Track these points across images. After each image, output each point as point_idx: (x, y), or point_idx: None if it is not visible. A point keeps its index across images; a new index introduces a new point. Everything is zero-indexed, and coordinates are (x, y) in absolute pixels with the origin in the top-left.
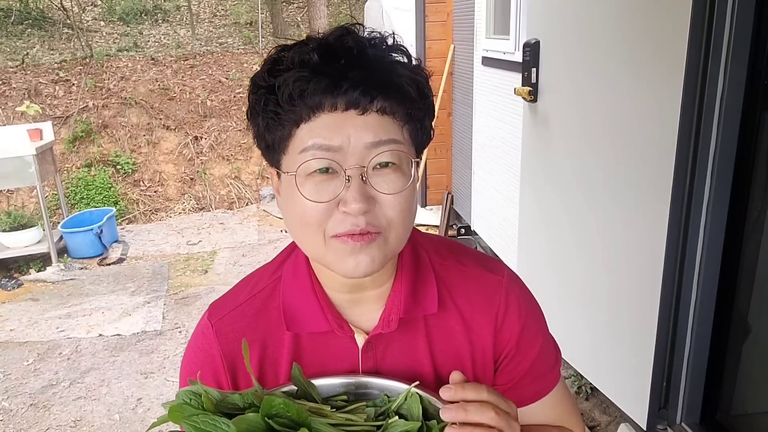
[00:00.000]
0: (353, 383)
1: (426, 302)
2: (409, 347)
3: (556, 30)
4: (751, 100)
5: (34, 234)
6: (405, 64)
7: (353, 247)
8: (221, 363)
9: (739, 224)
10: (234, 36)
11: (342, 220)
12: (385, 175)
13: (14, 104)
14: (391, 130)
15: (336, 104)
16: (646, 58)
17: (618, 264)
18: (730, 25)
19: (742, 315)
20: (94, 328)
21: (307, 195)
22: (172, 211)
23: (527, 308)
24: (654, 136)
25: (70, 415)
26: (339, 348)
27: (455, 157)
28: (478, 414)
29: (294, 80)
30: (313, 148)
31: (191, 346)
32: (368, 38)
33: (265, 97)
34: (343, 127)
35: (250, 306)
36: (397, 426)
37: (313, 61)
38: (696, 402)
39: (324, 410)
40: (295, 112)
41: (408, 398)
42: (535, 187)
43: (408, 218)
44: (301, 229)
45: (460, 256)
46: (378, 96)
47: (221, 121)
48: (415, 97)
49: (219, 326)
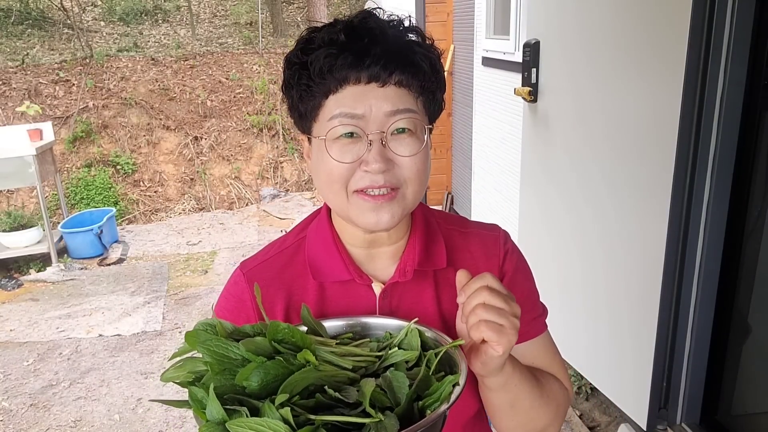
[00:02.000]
0: (359, 323)
1: (436, 257)
2: (421, 297)
3: (556, 30)
4: (751, 100)
5: (34, 234)
6: (420, 42)
7: (374, 205)
8: (252, 308)
9: (739, 224)
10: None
11: (363, 177)
12: (401, 139)
13: (14, 104)
14: (407, 101)
15: (360, 77)
16: (646, 58)
17: (618, 264)
18: (730, 25)
19: (742, 315)
20: (94, 328)
21: (334, 156)
22: (172, 212)
23: (519, 258)
24: (654, 136)
25: (70, 415)
26: (358, 296)
27: (455, 157)
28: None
29: (324, 57)
30: (340, 116)
31: (224, 295)
32: (388, 20)
33: (298, 72)
34: (365, 98)
35: (278, 260)
36: (396, 356)
37: (340, 40)
38: (696, 402)
39: (329, 342)
40: (325, 85)
41: (408, 333)
42: (535, 188)
43: (422, 177)
44: (328, 186)
45: (463, 223)
46: (396, 70)
47: (221, 121)
48: (428, 72)
49: (250, 275)
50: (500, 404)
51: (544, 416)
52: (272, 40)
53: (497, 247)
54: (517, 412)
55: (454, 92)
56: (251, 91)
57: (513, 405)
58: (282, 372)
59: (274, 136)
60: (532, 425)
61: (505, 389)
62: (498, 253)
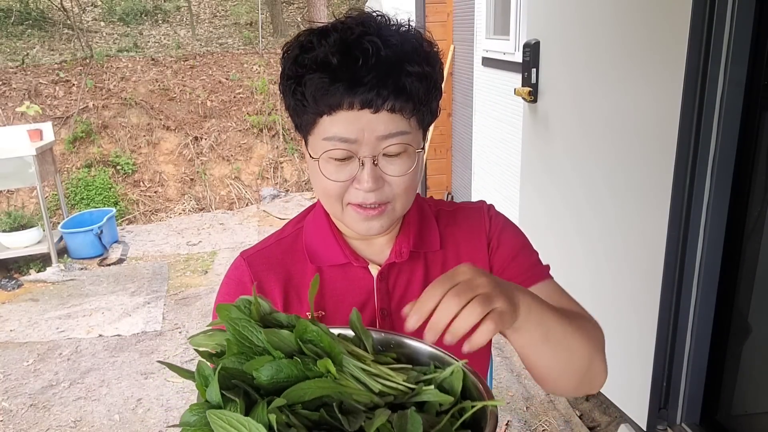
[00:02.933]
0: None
1: (430, 239)
2: (412, 278)
3: (556, 30)
4: (751, 100)
5: (34, 234)
6: (416, 58)
7: (365, 216)
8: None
9: (739, 224)
10: (234, 36)
11: (356, 193)
12: (393, 161)
13: (14, 105)
14: (400, 124)
15: (353, 103)
16: (646, 58)
17: (618, 264)
18: (730, 26)
19: (742, 315)
20: (94, 328)
21: (328, 176)
22: (172, 212)
23: (506, 221)
24: (654, 136)
25: (70, 415)
26: (355, 278)
27: (455, 158)
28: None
29: (317, 82)
30: (333, 139)
31: (225, 281)
32: (384, 38)
33: (293, 87)
34: (358, 122)
35: (277, 248)
36: (430, 394)
37: (333, 64)
38: (696, 402)
39: (365, 357)
40: (318, 107)
41: (453, 373)
42: (535, 188)
43: (412, 191)
44: (324, 197)
45: (450, 203)
46: (389, 97)
47: (221, 121)
48: (422, 94)
49: (250, 260)
50: (535, 343)
51: (582, 344)
52: (272, 41)
53: (482, 218)
54: (555, 346)
55: (454, 92)
56: (251, 92)
57: (547, 338)
58: (295, 374)
59: (274, 136)
60: (577, 359)
61: (530, 325)
62: (483, 222)
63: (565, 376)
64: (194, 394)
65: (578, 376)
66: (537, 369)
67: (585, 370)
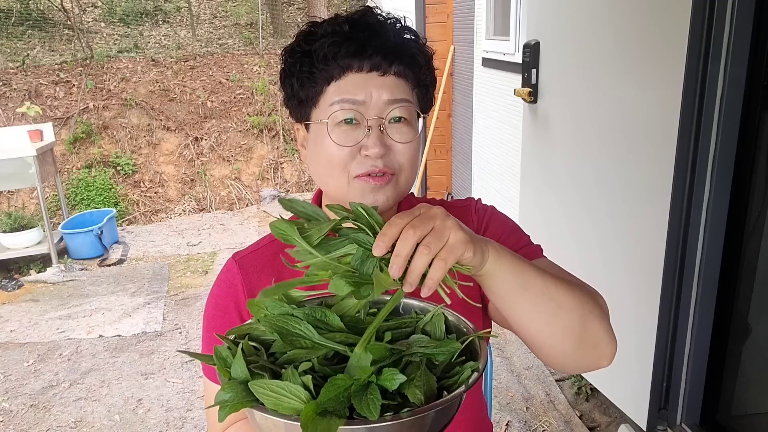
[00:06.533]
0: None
1: None
2: None
3: (556, 31)
4: (751, 100)
5: (35, 235)
6: (416, 40)
7: (373, 186)
8: (242, 292)
9: (739, 224)
10: (234, 37)
11: (363, 162)
12: (398, 127)
13: (15, 105)
14: (405, 91)
15: (362, 66)
16: (646, 58)
17: (618, 264)
18: (730, 25)
19: (742, 315)
20: (95, 329)
21: (335, 140)
22: (172, 212)
23: (493, 210)
24: (654, 136)
25: (70, 416)
26: None
27: (455, 158)
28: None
29: (328, 44)
30: (341, 102)
31: (217, 282)
32: (385, 18)
33: (301, 60)
34: (366, 85)
35: (268, 249)
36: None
37: (343, 30)
38: (696, 402)
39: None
40: (328, 71)
41: (434, 317)
42: (535, 188)
43: (414, 165)
44: (328, 171)
45: (441, 202)
46: (395, 61)
47: (221, 122)
48: (423, 66)
49: (242, 262)
50: (513, 292)
51: (570, 298)
52: (272, 41)
53: (470, 214)
54: (536, 296)
55: (454, 93)
56: (251, 92)
57: (525, 288)
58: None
59: (275, 137)
60: (565, 312)
61: (502, 271)
62: (470, 218)
63: (558, 335)
64: (194, 394)
65: (572, 336)
66: (525, 328)
67: (579, 330)
